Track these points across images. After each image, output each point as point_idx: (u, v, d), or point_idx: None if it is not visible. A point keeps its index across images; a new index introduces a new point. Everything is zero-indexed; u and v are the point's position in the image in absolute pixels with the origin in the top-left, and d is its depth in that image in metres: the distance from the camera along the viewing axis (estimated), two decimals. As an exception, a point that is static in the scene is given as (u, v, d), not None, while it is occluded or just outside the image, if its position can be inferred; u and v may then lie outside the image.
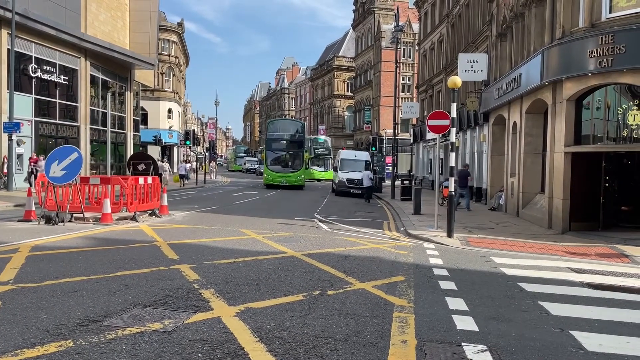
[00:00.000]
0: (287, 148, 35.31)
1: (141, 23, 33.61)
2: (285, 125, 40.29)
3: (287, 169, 34.42)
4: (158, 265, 7.84)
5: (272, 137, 35.75)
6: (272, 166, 34.78)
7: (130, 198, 13.85)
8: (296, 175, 34.23)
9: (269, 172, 34.42)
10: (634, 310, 6.56)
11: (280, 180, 33.49)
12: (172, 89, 52.94)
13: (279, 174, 33.92)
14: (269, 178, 34.18)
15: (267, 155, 35.65)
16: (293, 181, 33.68)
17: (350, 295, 6.50)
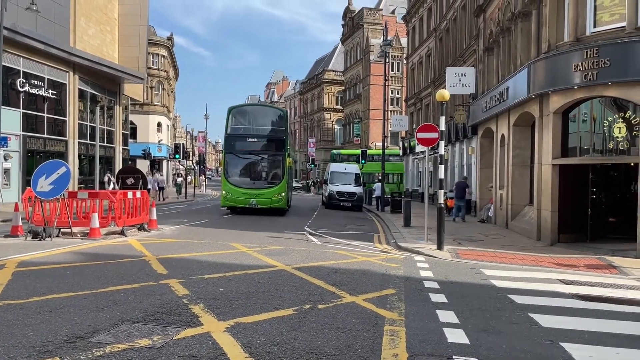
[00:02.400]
0: (260, 150, 23.58)
1: (130, 37, 33.63)
2: (256, 113, 26.05)
3: (258, 183, 23.01)
4: (147, 281, 7.76)
5: (236, 134, 23.64)
6: (235, 178, 23.10)
7: (119, 212, 13.74)
8: (273, 192, 22.57)
9: (230, 187, 22.59)
10: (623, 321, 6.60)
11: (247, 201, 22.23)
12: (161, 102, 52.89)
13: (245, 190, 22.39)
14: (229, 197, 22.58)
15: (228, 161, 23.51)
16: (268, 202, 22.35)
17: (341, 309, 6.48)
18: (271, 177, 23.24)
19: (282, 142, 23.52)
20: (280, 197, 22.56)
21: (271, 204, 22.29)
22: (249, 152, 23.37)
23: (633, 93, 12.49)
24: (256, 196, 22.16)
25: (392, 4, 63.41)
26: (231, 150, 23.14)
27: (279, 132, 23.91)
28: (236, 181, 22.77)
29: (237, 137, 23.29)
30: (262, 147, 23.47)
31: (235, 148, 23.11)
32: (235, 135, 23.35)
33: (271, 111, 27.96)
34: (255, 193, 22.25)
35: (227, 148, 23.32)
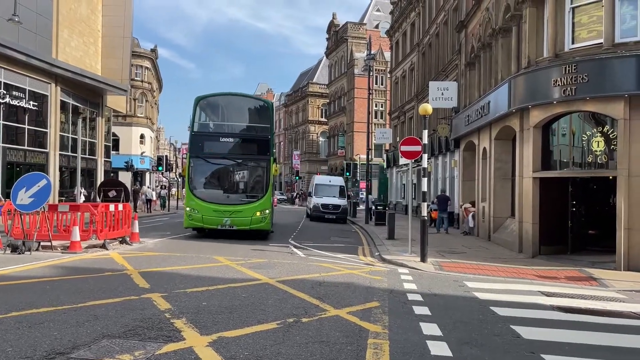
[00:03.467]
0: (237, 153, 18.12)
1: (114, 49, 33.47)
2: (232, 106, 19.79)
3: (235, 197, 17.58)
4: (128, 295, 7.67)
5: (205, 132, 18.59)
6: (203, 190, 17.56)
7: (100, 225, 13.59)
8: (254, 209, 17.01)
9: (197, 202, 16.95)
10: (603, 333, 6.69)
11: (219, 220, 16.71)
12: (144, 114, 52.58)
13: (217, 206, 16.81)
14: (195, 215, 16.86)
15: (194, 167, 17.62)
16: (247, 222, 16.86)
17: (325, 323, 6.47)
18: (251, 188, 17.86)
19: (266, 143, 17.71)
20: (264, 215, 16.75)
21: (251, 225, 16.67)
22: (223, 157, 17.70)
23: (610, 108, 12.77)
24: (231, 214, 16.50)
25: (376, 18, 64.10)
26: (198, 154, 17.40)
27: (262, 131, 18.11)
28: (205, 194, 17.05)
29: (206, 136, 17.95)
30: (239, 149, 17.95)
31: (203, 150, 17.45)
32: (204, 133, 18.07)
33: (252, 103, 20.50)
34: (230, 210, 16.55)
35: (193, 150, 17.44)
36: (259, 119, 18.82)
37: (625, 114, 12.41)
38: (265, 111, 18.92)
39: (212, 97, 19.13)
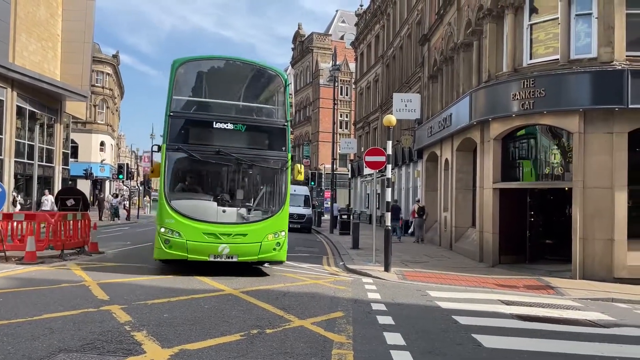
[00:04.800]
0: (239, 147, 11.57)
1: (74, 54, 32.67)
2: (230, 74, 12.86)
3: (234, 212, 11.30)
4: (86, 307, 7.44)
5: (191, 113, 11.97)
6: (187, 202, 11.27)
7: (57, 235, 13.16)
8: (265, 230, 11.22)
9: (178, 219, 10.75)
10: (560, 340, 6.89)
11: (212, 248, 10.79)
12: (105, 121, 51.42)
13: (209, 226, 10.84)
14: (174, 240, 10.68)
15: (172, 165, 11.33)
16: (255, 250, 11.05)
17: (289, 333, 6.43)
18: (261, 199, 12.02)
19: (282, 133, 11.75)
20: (279, 239, 11.23)
21: (260, 255, 11.00)
22: (217, 150, 11.23)
23: (566, 122, 13.24)
24: (231, 238, 10.75)
25: (341, 30, 64.75)
26: (179, 145, 11.10)
27: (276, 115, 12.13)
28: (190, 208, 10.93)
29: (192, 119, 11.61)
30: (242, 141, 11.55)
31: (188, 140, 11.20)
32: (189, 115, 11.66)
33: (260, 74, 12.83)
34: (230, 232, 10.78)
35: (173, 139, 11.08)
36: (271, 98, 12.63)
37: (580, 128, 12.88)
38: (279, 87, 12.10)
39: (200, 61, 12.32)
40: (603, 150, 12.72)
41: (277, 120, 12.03)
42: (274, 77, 12.55)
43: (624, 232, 12.50)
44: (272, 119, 12.15)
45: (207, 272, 11.05)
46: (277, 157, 11.74)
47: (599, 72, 12.72)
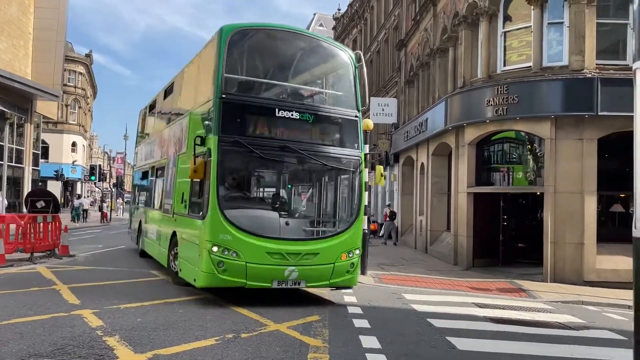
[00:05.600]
0: (303, 141, 8.83)
1: (46, 53, 32.02)
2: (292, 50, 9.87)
3: (300, 226, 9.10)
4: (57, 311, 7.28)
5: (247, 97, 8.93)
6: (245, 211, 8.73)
7: (27, 238, 12.85)
8: (336, 248, 8.65)
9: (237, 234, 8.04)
10: (532, 342, 7.00)
11: (277, 273, 8.19)
12: (77, 121, 50.49)
13: (273, 244, 8.18)
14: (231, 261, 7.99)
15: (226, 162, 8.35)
16: (327, 273, 8.56)
17: (265, 338, 6.39)
18: (332, 210, 9.78)
19: (354, 126, 9.44)
20: (353, 258, 8.88)
21: (332, 279, 8.72)
22: (281, 147, 8.71)
23: (538, 128, 13.51)
24: (301, 258, 8.38)
25: (318, 33, 64.89)
26: (236, 138, 8.39)
27: (346, 104, 9.59)
28: (249, 220, 8.47)
29: (251, 105, 8.89)
30: (310, 135, 9.13)
31: (245, 131, 8.63)
32: (247, 100, 8.92)
33: (327, 52, 10.21)
34: (298, 252, 8.38)
35: (227, 129, 8.36)
36: (339, 83, 10.26)
37: (551, 134, 13.17)
38: (347, 69, 9.72)
39: (256, 30, 9.53)
40: (573, 156, 13.02)
41: (347, 110, 9.42)
42: (343, 56, 9.82)
43: (593, 237, 12.81)
44: (342, 109, 9.44)
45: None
46: (349, 156, 9.23)
47: (570, 79, 13.03)
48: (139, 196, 16.32)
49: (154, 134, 14.37)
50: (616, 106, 12.20)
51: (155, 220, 12.64)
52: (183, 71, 11.67)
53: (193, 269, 8.59)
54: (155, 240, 12.39)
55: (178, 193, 10.13)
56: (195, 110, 9.66)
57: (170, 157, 11.41)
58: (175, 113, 11.97)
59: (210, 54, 9.07)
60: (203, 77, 9.55)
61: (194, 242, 8.65)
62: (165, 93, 13.24)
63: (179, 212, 9.91)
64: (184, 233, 9.39)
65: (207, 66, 9.27)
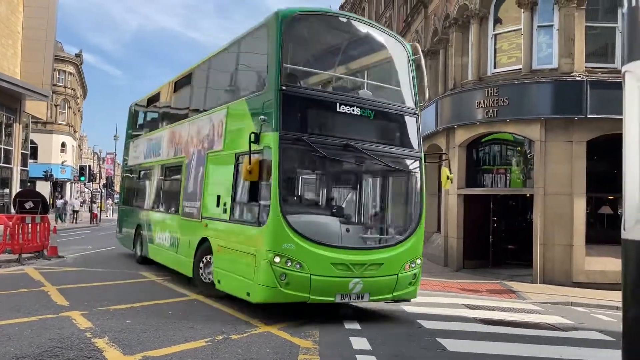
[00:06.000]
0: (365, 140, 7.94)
1: (35, 52, 31.77)
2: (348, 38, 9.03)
3: (361, 232, 8.32)
4: (45, 313, 7.20)
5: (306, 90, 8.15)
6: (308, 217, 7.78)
7: (15, 239, 12.73)
8: (399, 258, 7.81)
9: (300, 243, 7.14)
10: (521, 344, 7.03)
11: (342, 286, 7.31)
12: (66, 121, 50.09)
13: (337, 254, 7.29)
14: (294, 273, 7.08)
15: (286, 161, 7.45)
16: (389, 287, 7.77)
17: (255, 339, 6.37)
18: (394, 215, 9.04)
19: (414, 123, 8.67)
20: (415, 268, 8.09)
21: (395, 292, 7.90)
22: (345, 145, 7.74)
23: (528, 130, 13.60)
24: (366, 269, 7.49)
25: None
26: (298, 135, 7.41)
27: (404, 100, 8.82)
28: (312, 227, 7.52)
29: (313, 99, 7.99)
30: (371, 133, 8.24)
31: (307, 127, 7.72)
32: (309, 93, 8.11)
33: (384, 41, 9.06)
34: (363, 262, 7.51)
35: (288, 125, 7.41)
36: (398, 76, 9.10)
37: (541, 136, 13.26)
38: (406, 61, 8.88)
39: (314, 16, 8.47)
40: (563, 158, 13.12)
41: (407, 106, 8.67)
42: (401, 47, 8.97)
43: (582, 238, 12.91)
44: (403, 105, 8.67)
45: (172, 278, 10.85)
46: (410, 156, 8.47)
47: (559, 82, 13.13)
48: (134, 197, 14.66)
49: (157, 130, 13.19)
50: (605, 109, 12.31)
51: (167, 225, 11.27)
52: (208, 61, 10.55)
53: (243, 281, 7.51)
54: (168, 247, 10.97)
55: (211, 195, 9.05)
56: (235, 103, 8.70)
57: (192, 155, 10.21)
58: (196, 107, 10.77)
59: (259, 41, 8.28)
60: (249, 66, 8.89)
61: (242, 251, 7.65)
62: (175, 85, 12.23)
63: (213, 217, 8.83)
64: (225, 240, 8.29)
65: (254, 55, 8.54)
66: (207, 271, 8.93)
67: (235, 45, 9.43)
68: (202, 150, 9.79)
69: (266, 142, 7.40)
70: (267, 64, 7.77)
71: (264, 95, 7.72)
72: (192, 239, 9.54)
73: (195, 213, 9.65)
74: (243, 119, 8.30)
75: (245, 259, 7.57)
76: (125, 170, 16.48)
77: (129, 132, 16.22)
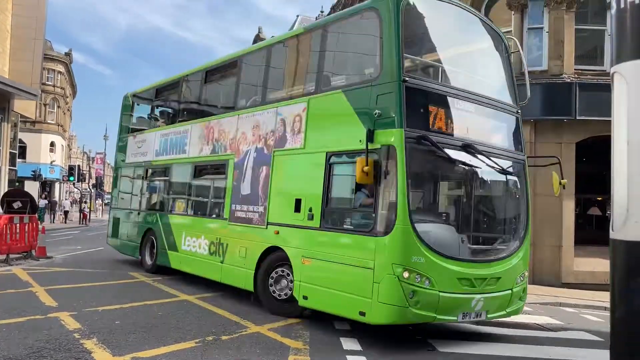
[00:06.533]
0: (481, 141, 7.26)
1: (24, 51, 31.51)
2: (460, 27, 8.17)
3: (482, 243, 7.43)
4: (33, 314, 7.14)
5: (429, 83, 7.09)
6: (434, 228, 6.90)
7: (2, 239, 12.59)
8: (513, 271, 7.26)
9: (430, 257, 6.33)
10: (511, 344, 7.09)
11: (465, 304, 6.61)
12: (56, 121, 49.70)
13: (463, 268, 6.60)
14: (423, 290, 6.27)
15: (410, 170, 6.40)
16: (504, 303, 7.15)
17: (246, 340, 6.35)
18: (507, 226, 8.19)
19: (518, 123, 8.22)
20: (524, 282, 7.61)
21: (510, 308, 7.30)
22: (466, 146, 7.03)
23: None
24: (486, 284, 6.85)
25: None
26: (424, 134, 6.59)
27: (510, 99, 8.25)
28: (440, 238, 6.74)
29: (436, 93, 7.06)
30: (484, 132, 7.57)
31: (429, 125, 6.78)
32: (430, 87, 7.04)
33: (498, 36, 8.38)
34: (485, 276, 6.86)
35: (412, 122, 6.54)
36: (502, 73, 8.46)
37: (530, 138, 13.34)
38: (506, 57, 8.46)
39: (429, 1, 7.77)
40: (552, 159, 13.19)
41: (511, 106, 8.10)
42: (501, 40, 8.35)
43: (571, 239, 13.01)
44: (508, 103, 8.07)
45: (162, 279, 10.78)
46: (517, 159, 7.88)
47: (549, 84, 13.23)
48: (140, 199, 12.95)
49: (177, 124, 11.74)
50: (594, 111, 12.43)
51: (203, 231, 10.00)
52: (268, 48, 9.39)
53: (353, 298, 6.56)
54: (206, 256, 9.74)
55: (283, 199, 8.06)
56: (322, 96, 7.70)
57: (244, 153, 9.06)
58: (248, 99, 9.69)
59: (365, 26, 7.46)
60: (346, 54, 8.11)
61: (349, 264, 6.66)
62: (208, 75, 10.97)
63: (289, 224, 7.77)
64: (315, 251, 7.24)
65: (355, 41, 7.88)
66: (280, 286, 7.93)
67: (318, 31, 8.28)
68: (263, 149, 8.62)
69: (386, 140, 6.46)
70: (382, 51, 6.83)
71: (378, 87, 6.75)
72: (252, 248, 8.48)
73: (255, 218, 8.53)
74: (337, 114, 7.35)
75: (354, 273, 6.59)
76: (121, 169, 14.33)
77: (125, 126, 14.41)
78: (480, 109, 7.40)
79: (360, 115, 6.92)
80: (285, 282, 7.86)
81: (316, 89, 7.89)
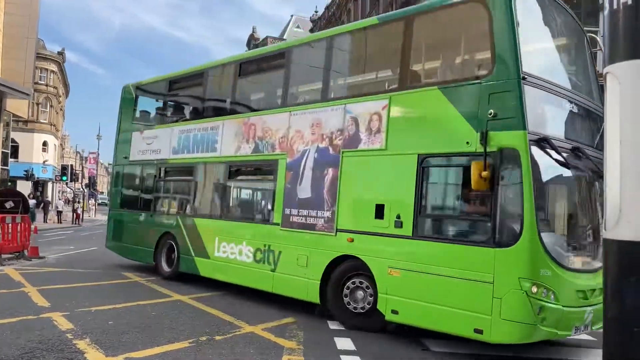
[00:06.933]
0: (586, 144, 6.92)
1: (16, 50, 31.32)
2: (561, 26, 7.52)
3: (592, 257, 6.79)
4: (25, 314, 7.09)
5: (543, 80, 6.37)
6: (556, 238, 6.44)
7: (-5, 239, 12.52)
8: None
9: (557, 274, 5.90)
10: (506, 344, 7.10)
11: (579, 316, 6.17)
12: (48, 120, 49.46)
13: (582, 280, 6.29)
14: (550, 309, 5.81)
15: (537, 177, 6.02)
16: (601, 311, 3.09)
17: (239, 340, 6.34)
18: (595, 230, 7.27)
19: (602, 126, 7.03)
20: None
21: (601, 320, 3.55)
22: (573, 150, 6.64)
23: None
24: (594, 295, 6.38)
25: (295, 35, 64.85)
26: (546, 137, 6.16)
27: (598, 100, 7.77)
28: (560, 249, 6.36)
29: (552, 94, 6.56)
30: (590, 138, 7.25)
31: (547, 128, 6.41)
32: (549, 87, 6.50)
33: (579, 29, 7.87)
34: (594, 287, 6.40)
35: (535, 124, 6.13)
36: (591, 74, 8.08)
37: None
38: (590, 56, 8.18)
39: None
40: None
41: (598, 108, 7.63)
42: (583, 35, 7.89)
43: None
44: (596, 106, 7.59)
45: (156, 279, 10.75)
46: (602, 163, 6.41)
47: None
48: (153, 200, 11.79)
49: (204, 120, 10.68)
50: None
51: (245, 236, 9.16)
52: (328, 40, 8.58)
53: (466, 315, 6.05)
54: (251, 264, 8.95)
55: (360, 204, 7.40)
56: (411, 93, 7.11)
57: (301, 153, 8.34)
58: (305, 93, 9.17)
59: (466, 16, 6.95)
60: (440, 48, 7.62)
61: (458, 277, 6.11)
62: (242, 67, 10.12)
63: (371, 231, 7.15)
64: (409, 262, 6.64)
65: (452, 33, 7.38)
66: (356, 297, 7.33)
67: (399, 23, 7.57)
68: (328, 149, 7.93)
69: (507, 142, 5.95)
70: (495, 45, 6.24)
71: (492, 84, 6.19)
72: (316, 256, 7.84)
73: (319, 224, 7.85)
74: (432, 112, 6.78)
75: (465, 287, 6.05)
76: (124, 167, 12.93)
77: (127, 121, 13.03)
78: (586, 111, 7.05)
79: (465, 115, 6.34)
80: (361, 294, 7.25)
81: (400, 85, 7.30)
